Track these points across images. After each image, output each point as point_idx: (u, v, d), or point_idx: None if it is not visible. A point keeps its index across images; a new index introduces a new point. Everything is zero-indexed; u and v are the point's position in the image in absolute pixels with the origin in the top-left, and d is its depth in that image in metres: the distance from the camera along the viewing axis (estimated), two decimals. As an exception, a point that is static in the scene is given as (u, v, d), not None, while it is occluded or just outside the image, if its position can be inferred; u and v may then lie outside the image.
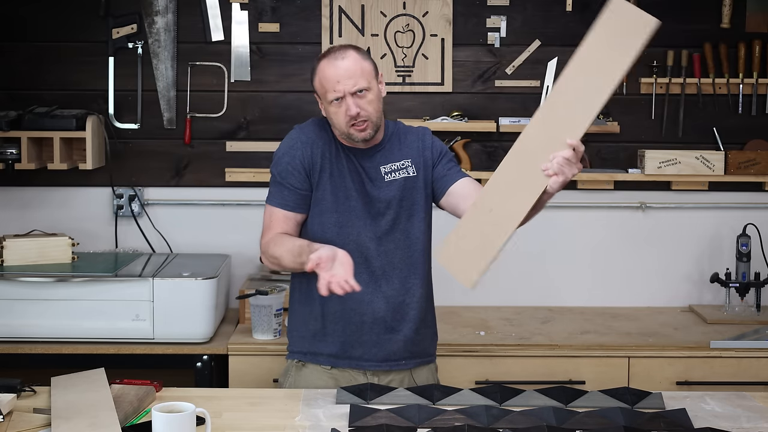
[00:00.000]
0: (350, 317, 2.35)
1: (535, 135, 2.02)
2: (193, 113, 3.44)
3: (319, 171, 2.34)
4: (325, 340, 2.38)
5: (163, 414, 1.81)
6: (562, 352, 2.98)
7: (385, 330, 2.36)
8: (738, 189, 3.49)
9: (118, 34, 3.41)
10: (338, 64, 2.27)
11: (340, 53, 2.28)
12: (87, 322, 2.92)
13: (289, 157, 2.35)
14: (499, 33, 3.47)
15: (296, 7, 3.45)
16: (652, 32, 1.91)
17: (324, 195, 2.34)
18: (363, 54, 2.32)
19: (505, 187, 2.04)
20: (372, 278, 2.33)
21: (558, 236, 3.53)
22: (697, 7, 3.46)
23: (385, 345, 2.36)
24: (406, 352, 2.39)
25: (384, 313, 2.35)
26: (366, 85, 2.27)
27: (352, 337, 2.36)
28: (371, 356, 2.36)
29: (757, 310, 3.35)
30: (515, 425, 1.96)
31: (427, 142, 2.42)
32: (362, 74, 2.27)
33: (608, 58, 1.94)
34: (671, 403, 2.16)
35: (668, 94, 3.47)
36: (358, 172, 2.35)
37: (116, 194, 3.46)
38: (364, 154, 2.37)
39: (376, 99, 2.30)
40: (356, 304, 2.33)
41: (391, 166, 2.37)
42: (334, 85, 2.26)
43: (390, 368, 2.38)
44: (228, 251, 3.39)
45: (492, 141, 3.45)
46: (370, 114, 2.28)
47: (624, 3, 1.94)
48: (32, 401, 2.12)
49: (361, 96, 2.26)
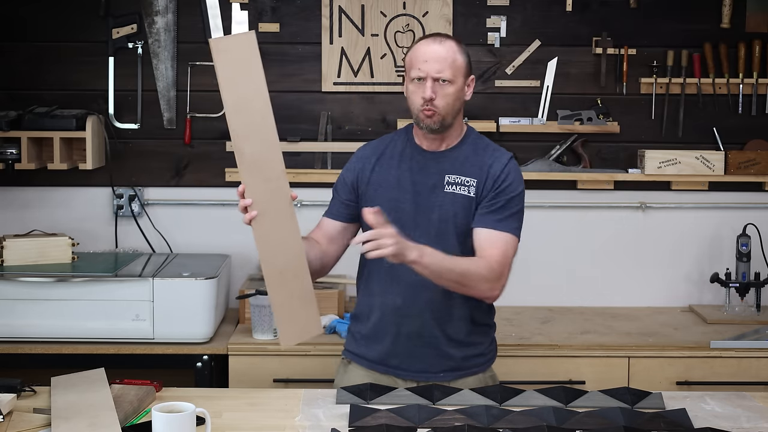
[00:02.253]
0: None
1: (254, 187, 2.06)
2: (193, 113, 3.45)
3: (367, 180, 2.37)
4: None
5: (163, 414, 1.81)
6: (562, 352, 2.98)
7: (423, 344, 2.35)
8: (738, 189, 3.48)
9: (118, 34, 3.41)
10: (433, 46, 2.27)
11: (439, 38, 2.29)
12: (87, 322, 2.92)
13: (344, 171, 2.44)
14: (499, 33, 3.47)
15: (296, 7, 3.45)
16: (256, 41, 2.05)
17: (371, 205, 2.28)
18: (462, 49, 2.30)
19: (273, 247, 2.07)
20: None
21: (558, 236, 3.53)
22: (697, 7, 3.46)
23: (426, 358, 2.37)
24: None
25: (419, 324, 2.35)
26: (450, 77, 2.25)
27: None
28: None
29: (757, 310, 3.35)
30: (515, 425, 1.96)
31: (495, 169, 2.32)
32: (451, 65, 2.25)
33: (247, 88, 2.05)
34: (671, 403, 2.16)
35: (668, 94, 3.47)
36: (415, 182, 2.33)
37: (116, 194, 3.46)
38: (433, 157, 2.35)
39: (454, 95, 2.27)
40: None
41: (455, 178, 2.32)
42: (420, 63, 2.26)
43: (427, 379, 2.35)
44: (228, 251, 3.39)
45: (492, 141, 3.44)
46: (442, 106, 2.26)
47: (220, 39, 2.05)
48: (32, 401, 2.12)
49: (442, 85, 2.25)
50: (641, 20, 3.46)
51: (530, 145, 3.47)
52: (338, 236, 2.41)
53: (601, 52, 3.44)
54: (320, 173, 3.40)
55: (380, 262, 2.25)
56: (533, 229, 3.53)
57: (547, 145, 3.47)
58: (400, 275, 2.30)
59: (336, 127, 3.47)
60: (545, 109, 3.41)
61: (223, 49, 2.04)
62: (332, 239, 2.40)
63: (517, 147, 3.46)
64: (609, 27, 3.45)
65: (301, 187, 3.35)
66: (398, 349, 2.36)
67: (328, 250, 2.38)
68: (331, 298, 3.12)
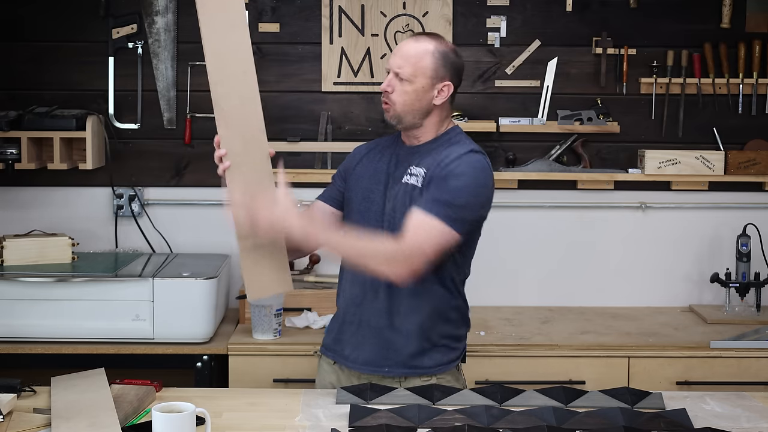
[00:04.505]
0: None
1: (230, 139, 2.06)
2: (193, 113, 3.45)
3: (352, 170, 2.39)
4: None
5: (163, 414, 1.81)
6: (562, 352, 2.98)
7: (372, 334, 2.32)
8: (738, 189, 3.49)
9: (118, 34, 3.41)
10: (408, 43, 2.26)
11: (418, 37, 2.28)
12: (87, 322, 2.92)
13: (343, 162, 2.47)
14: (499, 33, 3.47)
15: (296, 7, 3.45)
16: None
17: (351, 195, 2.36)
18: (436, 53, 2.23)
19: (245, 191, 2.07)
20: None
21: (558, 236, 3.53)
22: (697, 7, 3.46)
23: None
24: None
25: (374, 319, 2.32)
26: (408, 76, 2.22)
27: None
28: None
29: (757, 310, 3.35)
30: (515, 425, 1.96)
31: (448, 158, 2.21)
32: (414, 65, 2.22)
33: (229, 41, 2.05)
34: (671, 403, 2.16)
35: (668, 94, 3.47)
36: (388, 174, 2.32)
37: (116, 194, 3.46)
38: (408, 151, 2.33)
39: (412, 94, 2.22)
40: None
41: (414, 170, 2.27)
42: (391, 56, 2.27)
43: (372, 372, 2.31)
44: (228, 251, 3.39)
45: (492, 141, 3.45)
46: (396, 101, 2.24)
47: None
48: (32, 401, 2.12)
49: (401, 82, 2.23)
50: (641, 20, 3.47)
51: (530, 145, 3.47)
52: (328, 219, 2.40)
53: (601, 52, 3.44)
54: (320, 173, 3.40)
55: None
56: (533, 229, 3.55)
57: (547, 145, 3.47)
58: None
59: (336, 127, 3.47)
60: (545, 109, 3.41)
61: (207, 1, 2.03)
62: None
63: (517, 147, 3.47)
64: (609, 27, 3.45)
65: (301, 187, 3.35)
66: (346, 336, 2.34)
67: None
68: (331, 299, 3.12)
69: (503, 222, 3.46)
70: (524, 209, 3.52)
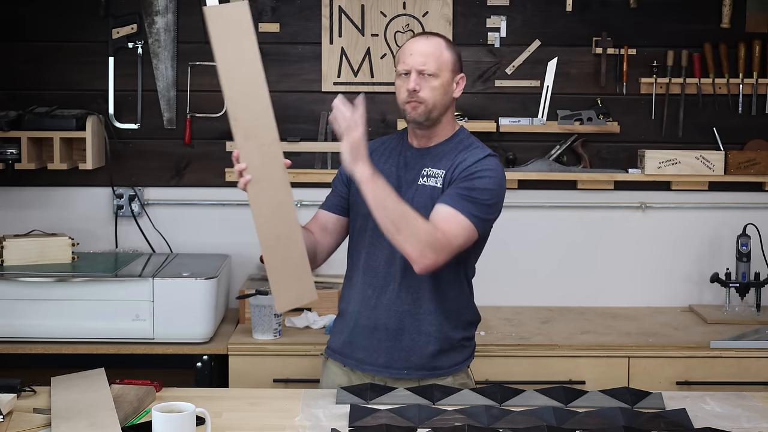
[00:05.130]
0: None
1: (249, 153, 2.08)
2: (193, 113, 3.45)
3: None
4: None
5: (163, 414, 1.81)
6: (562, 352, 2.98)
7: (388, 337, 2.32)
8: (738, 189, 3.49)
9: (118, 34, 3.41)
10: (420, 42, 2.28)
11: (427, 35, 2.31)
12: (87, 322, 2.92)
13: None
14: (499, 33, 3.47)
15: (296, 7, 3.45)
16: (249, 10, 2.08)
17: (357, 199, 2.29)
18: (450, 46, 2.30)
19: (269, 213, 2.09)
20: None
21: (558, 236, 3.53)
22: (697, 7, 3.46)
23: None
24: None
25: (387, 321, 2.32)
26: (434, 71, 2.24)
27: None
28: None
29: (757, 310, 3.35)
30: (515, 425, 1.96)
31: (468, 161, 2.26)
32: (437, 60, 2.25)
33: (241, 55, 2.08)
34: (671, 403, 2.16)
35: (668, 94, 3.47)
36: (399, 177, 2.32)
37: (116, 194, 3.46)
38: (419, 153, 2.34)
39: (440, 89, 2.25)
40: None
41: (429, 171, 2.30)
42: (406, 57, 2.26)
43: (391, 376, 2.32)
44: (228, 251, 3.39)
45: (492, 141, 3.44)
46: (427, 98, 2.24)
47: (214, 7, 2.07)
48: (32, 401, 2.12)
49: (427, 78, 2.24)
50: (641, 20, 3.47)
51: (530, 145, 3.47)
52: (332, 228, 2.41)
53: (601, 52, 3.44)
54: (320, 173, 3.40)
55: (361, 251, 2.31)
56: (533, 228, 3.55)
57: (547, 145, 3.47)
58: (376, 267, 2.31)
59: (336, 127, 3.47)
60: (545, 109, 3.41)
61: (217, 17, 2.06)
62: (325, 230, 2.41)
63: (517, 147, 3.47)
64: (609, 27, 3.45)
65: (301, 187, 3.36)
66: (359, 340, 2.34)
67: (321, 240, 2.39)
68: (331, 298, 3.13)
69: (503, 222, 3.42)
70: (524, 209, 3.52)
